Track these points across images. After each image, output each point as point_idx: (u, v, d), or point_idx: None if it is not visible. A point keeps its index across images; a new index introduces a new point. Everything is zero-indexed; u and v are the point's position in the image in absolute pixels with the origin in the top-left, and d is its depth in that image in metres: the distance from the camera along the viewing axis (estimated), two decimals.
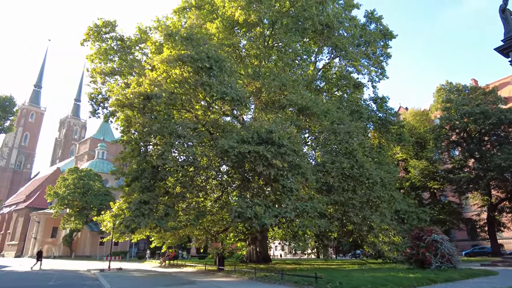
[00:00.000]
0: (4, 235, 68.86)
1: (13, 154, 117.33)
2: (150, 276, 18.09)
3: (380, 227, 18.14)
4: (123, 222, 15.84)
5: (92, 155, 77.72)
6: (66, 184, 50.86)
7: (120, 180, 57.41)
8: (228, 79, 17.01)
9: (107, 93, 23.68)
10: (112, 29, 25.64)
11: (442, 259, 14.31)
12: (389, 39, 34.91)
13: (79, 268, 26.05)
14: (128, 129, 18.19)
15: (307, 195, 16.26)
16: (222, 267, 19.12)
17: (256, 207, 13.62)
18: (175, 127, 16.49)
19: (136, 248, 59.21)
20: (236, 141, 15.01)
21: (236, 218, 13.76)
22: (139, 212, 15.78)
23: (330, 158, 18.12)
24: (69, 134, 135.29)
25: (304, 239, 15.15)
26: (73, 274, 20.36)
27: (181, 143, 15.96)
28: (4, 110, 47.20)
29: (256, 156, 14.30)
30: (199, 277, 16.30)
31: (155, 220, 15.60)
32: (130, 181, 18.46)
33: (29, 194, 69.86)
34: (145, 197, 16.04)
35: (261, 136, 15.14)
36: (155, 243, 33.62)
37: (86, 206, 50.09)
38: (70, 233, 52.58)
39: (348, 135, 18.65)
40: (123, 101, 16.74)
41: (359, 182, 18.00)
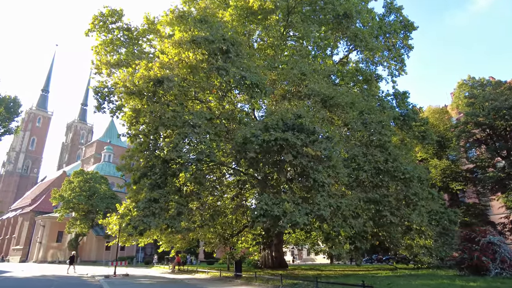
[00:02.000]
0: (9, 239, 67.62)
1: (20, 159, 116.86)
2: (159, 284, 16.26)
3: (420, 228, 16.11)
4: (130, 223, 14.07)
5: (99, 158, 76.53)
6: (71, 187, 49.51)
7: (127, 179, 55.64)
8: (247, 62, 15.23)
9: (113, 86, 22.14)
10: (119, 19, 24.11)
11: (502, 264, 12.23)
12: (410, 31, 32.97)
13: (83, 273, 24.29)
14: (136, 120, 16.44)
15: (338, 192, 14.32)
16: (240, 273, 17.21)
17: (284, 203, 11.74)
18: (189, 116, 14.72)
19: (142, 253, 57.42)
20: (258, 129, 13.18)
21: (261, 217, 11.88)
22: (148, 211, 13.99)
23: (361, 150, 16.17)
24: (76, 139, 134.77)
25: (339, 241, 13.21)
26: (75, 280, 18.60)
27: (196, 132, 14.15)
28: (9, 111, 46.16)
29: (284, 144, 12.44)
30: (216, 285, 14.43)
31: (167, 220, 13.79)
32: (138, 178, 16.66)
33: (34, 198, 68.66)
34: (155, 195, 14.25)
35: (286, 123, 13.29)
36: (163, 248, 31.80)
37: (91, 210, 48.60)
38: (76, 237, 51.03)
39: (380, 125, 16.70)
40: (130, 88, 15.03)
41: (394, 178, 16.01)
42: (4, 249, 68.15)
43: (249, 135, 12.86)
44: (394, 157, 16.44)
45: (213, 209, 15.93)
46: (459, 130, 35.85)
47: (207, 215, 15.25)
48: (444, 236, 20.69)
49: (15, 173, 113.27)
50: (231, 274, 19.02)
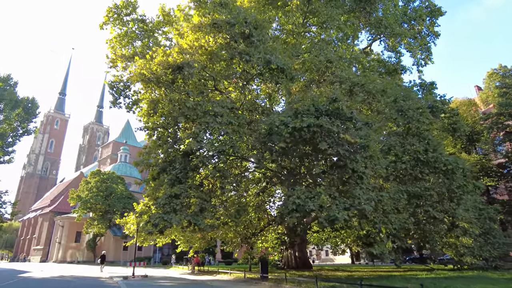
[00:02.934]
0: (30, 239, 68.48)
1: (39, 161, 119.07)
2: (181, 286, 15.21)
3: (469, 224, 14.54)
4: (150, 220, 13.05)
5: (115, 159, 76.72)
6: (88, 187, 49.48)
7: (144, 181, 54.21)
8: (272, 44, 14.02)
9: (128, 80, 21.32)
10: (133, 10, 23.34)
11: None
12: (436, 16, 31.03)
13: (101, 274, 23.57)
14: (154, 111, 15.44)
15: (376, 184, 12.95)
16: (266, 274, 15.99)
17: (321, 197, 10.46)
18: (210, 105, 13.61)
19: (160, 253, 56.90)
20: (288, 116, 11.94)
21: (293, 212, 10.65)
22: (169, 207, 12.94)
23: (398, 140, 14.72)
24: (92, 140, 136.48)
25: (380, 239, 11.85)
26: (93, 282, 17.78)
27: (218, 122, 13.04)
28: (27, 112, 46.36)
29: (318, 131, 11.18)
30: None
31: (189, 216, 12.70)
32: (157, 174, 15.66)
33: (53, 198, 69.32)
34: (176, 190, 13.19)
35: (319, 108, 12.02)
36: (181, 248, 30.92)
37: (109, 210, 48.38)
38: (94, 237, 50.98)
39: (418, 112, 15.18)
40: (148, 75, 14.03)
41: (435, 169, 14.49)
42: (25, 249, 69.06)
43: (278, 122, 11.67)
44: (433, 147, 14.92)
45: (238, 205, 14.75)
46: (492, 122, 33.70)
47: (232, 211, 14.10)
48: (485, 234, 18.99)
49: (35, 175, 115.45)
50: (256, 276, 17.84)
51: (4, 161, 44.49)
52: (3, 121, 43.89)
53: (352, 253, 55.46)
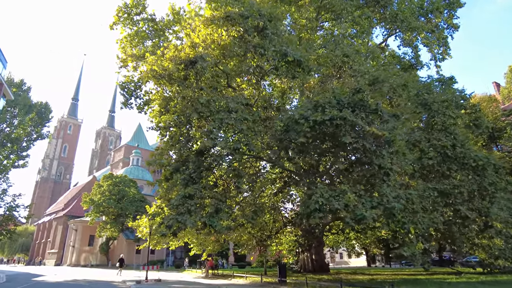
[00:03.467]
0: (45, 243, 69.07)
1: (53, 165, 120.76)
2: None
3: (502, 224, 13.53)
4: (163, 222, 12.49)
5: (127, 162, 76.97)
6: (101, 191, 49.47)
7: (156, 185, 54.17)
8: (288, 36, 13.36)
9: (139, 80, 20.95)
10: (143, 10, 23.01)
11: None
12: (455, 8, 29.87)
13: (114, 278, 23.17)
14: (166, 109, 14.93)
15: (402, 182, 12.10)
16: (284, 278, 15.25)
17: (347, 195, 9.71)
18: (224, 100, 13.02)
19: (173, 257, 56.56)
20: (307, 109, 11.24)
21: (316, 212, 9.91)
22: (183, 208, 12.35)
23: (423, 135, 13.84)
24: (105, 145, 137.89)
25: (410, 240, 11.00)
26: (106, 286, 17.34)
27: (233, 118, 12.43)
28: (40, 116, 46.75)
29: (342, 124, 10.44)
30: None
31: (204, 218, 12.09)
32: (170, 174, 15.13)
33: (67, 202, 69.84)
34: (190, 190, 12.61)
35: (341, 100, 11.28)
36: (194, 251, 30.36)
37: (121, 213, 48.22)
38: (107, 241, 50.94)
39: (444, 105, 14.28)
40: (159, 72, 13.53)
41: (464, 165, 13.55)
42: (40, 253, 69.71)
43: (298, 116, 10.97)
44: (461, 142, 13.99)
45: (254, 205, 14.07)
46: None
47: (249, 212, 13.43)
48: None
49: (49, 179, 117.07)
50: (273, 280, 17.11)
51: (18, 165, 44.85)
52: (17, 126, 44.32)
53: (368, 256, 54.16)
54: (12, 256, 79.29)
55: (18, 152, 44.41)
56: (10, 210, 22.63)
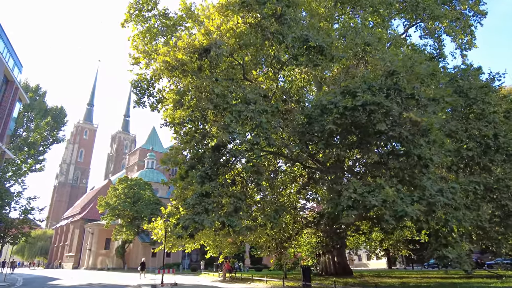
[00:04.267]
0: (63, 247, 69.75)
1: (70, 170, 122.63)
2: None
3: None
4: (179, 222, 11.64)
5: (142, 165, 77.17)
6: (116, 194, 49.39)
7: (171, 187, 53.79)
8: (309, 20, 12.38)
9: (152, 77, 20.33)
10: (155, 6, 22.42)
11: None
12: None
13: (129, 282, 22.53)
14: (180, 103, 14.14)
15: (440, 175, 10.90)
16: (309, 282, 14.18)
17: (384, 189, 8.62)
18: (242, 91, 12.14)
19: (188, 260, 55.96)
20: (336, 95, 10.21)
21: (349, 210, 8.85)
22: (200, 207, 11.47)
23: (459, 124, 12.58)
24: (120, 149, 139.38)
25: (454, 239, 9.81)
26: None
27: (251, 110, 11.51)
28: (56, 121, 47.07)
29: (375, 110, 9.37)
30: None
31: (223, 217, 11.18)
32: (185, 172, 14.31)
33: (83, 206, 70.38)
34: (207, 188, 11.73)
35: (372, 86, 10.21)
36: (210, 253, 29.56)
37: (136, 216, 47.95)
38: (122, 244, 50.77)
39: (483, 91, 12.98)
40: (172, 63, 12.75)
41: (509, 157, 12.23)
42: (58, 256, 70.39)
43: (326, 102, 9.95)
44: (504, 132, 12.67)
45: (276, 204, 13.05)
46: None
47: (270, 211, 12.44)
48: None
49: (66, 184, 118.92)
50: (296, 284, 16.06)
51: (36, 169, 45.17)
52: (34, 130, 44.67)
53: (389, 258, 52.31)
54: (32, 259, 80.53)
55: (35, 156, 44.78)
56: (25, 213, 22.25)
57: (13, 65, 32.63)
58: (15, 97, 32.91)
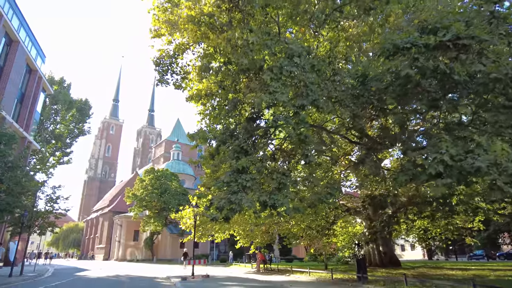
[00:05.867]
0: (94, 239, 70.91)
1: (99, 165, 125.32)
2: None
3: None
4: (213, 202, 9.74)
5: (168, 157, 77.01)
6: (143, 185, 48.94)
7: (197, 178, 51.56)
8: None
9: (175, 51, 18.54)
10: None
11: None
12: None
13: (158, 274, 21.17)
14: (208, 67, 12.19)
15: None
16: (366, 275, 12.00)
17: (496, 145, 6.28)
18: (281, 44, 10.00)
19: (216, 251, 54.96)
20: (410, 34, 7.86)
21: (443, 178, 6.55)
22: (236, 186, 9.52)
23: None
24: (146, 143, 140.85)
25: None
26: (148, 283, 15.12)
27: (295, 64, 9.36)
28: (81, 113, 46.88)
29: (472, 44, 6.98)
30: None
31: (264, 196, 9.17)
32: (216, 148, 12.40)
33: (111, 199, 71.05)
34: (244, 163, 9.74)
35: (457, 20, 7.75)
36: (240, 243, 27.92)
37: (164, 207, 47.28)
38: (151, 236, 50.35)
39: None
40: (197, 17, 10.78)
41: None
42: (90, 248, 71.69)
43: (399, 41, 7.62)
44: None
45: (329, 179, 10.84)
46: None
47: (322, 189, 10.29)
48: None
49: (96, 178, 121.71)
50: (346, 276, 13.93)
51: (64, 161, 45.23)
52: (60, 122, 44.59)
53: (429, 248, 48.98)
54: (67, 251, 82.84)
55: (63, 149, 44.82)
56: (50, 202, 21.27)
57: (36, 55, 32.03)
58: (39, 86, 32.40)
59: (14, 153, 16.01)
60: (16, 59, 26.72)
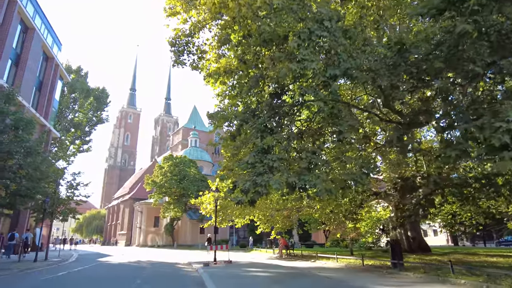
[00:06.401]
0: (115, 225, 72.49)
1: (118, 154, 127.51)
2: (284, 277, 11.16)
3: None
4: (237, 185, 9.00)
5: (186, 144, 77.19)
6: (162, 172, 49.24)
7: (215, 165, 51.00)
8: None
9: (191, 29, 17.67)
10: None
11: None
12: None
13: (179, 259, 20.92)
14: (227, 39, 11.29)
15: None
16: (401, 261, 11.12)
17: None
18: (307, 8, 8.97)
19: (236, 236, 55.04)
20: None
21: (503, 151, 5.56)
22: (262, 167, 8.72)
23: None
24: (163, 131, 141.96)
25: None
26: (169, 269, 14.73)
27: (325, 28, 8.35)
28: (99, 101, 46.99)
29: None
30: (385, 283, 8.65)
31: (294, 177, 8.35)
32: (237, 129, 11.59)
33: (132, 186, 72.07)
34: (269, 141, 8.91)
35: None
36: (261, 229, 27.41)
37: (183, 193, 47.49)
38: (171, 222, 50.82)
39: None
40: None
41: None
42: (112, 234, 73.45)
43: None
44: None
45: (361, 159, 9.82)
46: None
47: (355, 168, 9.30)
48: None
49: (115, 166, 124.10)
50: (378, 262, 13.10)
51: (83, 149, 45.68)
52: (78, 110, 44.87)
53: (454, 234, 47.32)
54: (91, 237, 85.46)
55: (82, 137, 45.19)
56: (70, 188, 21.25)
57: (52, 42, 31.83)
58: (56, 74, 32.31)
59: (32, 138, 15.75)
60: (32, 47, 26.49)
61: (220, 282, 9.28)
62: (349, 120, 9.04)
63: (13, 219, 24.95)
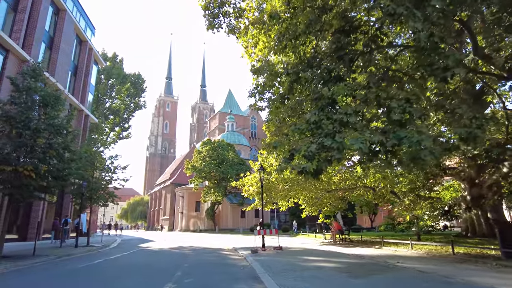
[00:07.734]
0: (158, 211, 73.96)
1: (158, 142, 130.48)
2: (357, 269, 8.89)
3: None
4: (299, 150, 6.75)
5: (222, 129, 76.38)
6: (201, 156, 48.75)
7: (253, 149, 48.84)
8: None
9: None
10: None
11: None
12: None
13: (222, 245, 19.34)
14: None
15: None
16: (510, 249, 8.39)
17: None
18: None
19: (277, 220, 53.36)
20: None
21: None
22: (331, 123, 6.39)
23: None
24: (200, 118, 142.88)
25: None
26: (214, 257, 12.99)
27: None
28: (135, 87, 46.59)
29: None
30: None
31: (378, 134, 5.94)
32: (289, 89, 9.25)
33: (172, 172, 72.76)
34: (340, 90, 6.49)
35: None
36: (306, 212, 25.16)
37: (223, 177, 46.56)
38: (212, 206, 50.25)
39: None
40: None
41: None
42: (155, 219, 75.14)
43: None
44: None
45: (469, 114, 7.08)
46: None
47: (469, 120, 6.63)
48: None
49: (156, 154, 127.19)
50: (471, 250, 10.38)
51: (123, 136, 45.73)
52: (115, 96, 44.76)
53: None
54: (135, 222, 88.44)
55: (121, 124, 45.19)
56: (107, 171, 20.23)
57: (85, 26, 31.02)
58: (90, 58, 31.62)
59: (61, 115, 14.53)
60: (65, 29, 25.60)
61: (278, 276, 7.20)
62: (454, 53, 6.33)
63: (57, 206, 24.88)
